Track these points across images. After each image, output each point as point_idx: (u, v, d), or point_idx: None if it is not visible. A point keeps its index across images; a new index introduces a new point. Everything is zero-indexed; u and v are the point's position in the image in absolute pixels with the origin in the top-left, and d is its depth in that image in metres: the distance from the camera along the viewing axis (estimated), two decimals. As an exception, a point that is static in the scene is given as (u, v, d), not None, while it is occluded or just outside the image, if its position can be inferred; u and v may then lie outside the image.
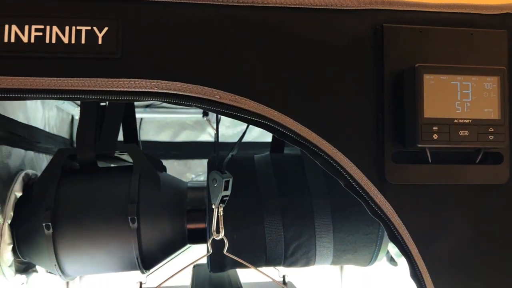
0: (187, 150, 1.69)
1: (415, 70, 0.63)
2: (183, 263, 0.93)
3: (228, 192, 0.85)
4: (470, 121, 0.63)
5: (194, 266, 1.21)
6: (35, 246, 0.94)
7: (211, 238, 0.89)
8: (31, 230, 0.93)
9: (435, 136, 0.62)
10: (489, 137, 0.64)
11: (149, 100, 0.63)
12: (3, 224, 0.91)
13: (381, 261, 1.27)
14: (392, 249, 1.13)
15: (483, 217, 0.67)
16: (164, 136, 1.71)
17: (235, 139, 1.60)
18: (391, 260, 1.19)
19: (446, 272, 0.65)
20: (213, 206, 0.87)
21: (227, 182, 0.84)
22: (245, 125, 0.88)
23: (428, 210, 0.66)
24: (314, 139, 0.64)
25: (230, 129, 1.72)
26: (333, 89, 0.66)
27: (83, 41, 0.61)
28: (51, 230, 0.90)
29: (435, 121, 0.62)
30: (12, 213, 0.93)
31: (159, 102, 1.57)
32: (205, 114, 1.42)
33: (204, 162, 1.06)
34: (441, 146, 0.63)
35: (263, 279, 1.29)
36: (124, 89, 0.61)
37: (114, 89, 0.61)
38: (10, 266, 0.93)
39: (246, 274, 1.17)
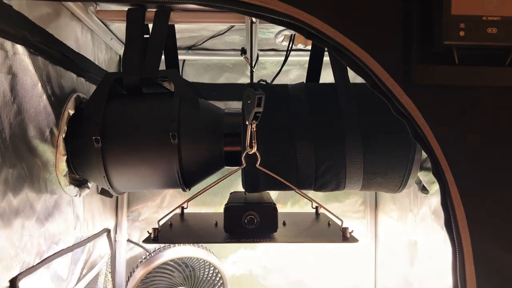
0: (226, 92, 1.74)
1: (443, -33, 0.63)
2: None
3: (260, 109, 0.88)
4: (500, 18, 0.63)
5: (231, 193, 1.28)
6: (86, 159, 1.03)
7: (245, 152, 0.94)
8: (82, 144, 1.02)
9: (462, 33, 0.63)
10: None
11: (184, 3, 0.68)
12: (58, 136, 1.01)
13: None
14: (424, 177, 1.14)
15: (508, 119, 0.67)
16: (205, 78, 1.77)
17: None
18: (423, 189, 1.20)
19: (467, 170, 0.66)
20: (247, 122, 0.92)
21: (259, 99, 0.87)
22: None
23: (453, 110, 0.67)
24: (342, 40, 0.67)
25: (267, 71, 1.75)
26: None
27: None
28: (100, 144, 0.99)
29: (462, 18, 0.63)
30: (65, 128, 1.02)
31: (200, 43, 1.61)
32: (243, 52, 1.45)
33: (243, 103, 1.10)
34: (467, 43, 0.63)
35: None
36: None
37: None
38: (64, 175, 1.03)
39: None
